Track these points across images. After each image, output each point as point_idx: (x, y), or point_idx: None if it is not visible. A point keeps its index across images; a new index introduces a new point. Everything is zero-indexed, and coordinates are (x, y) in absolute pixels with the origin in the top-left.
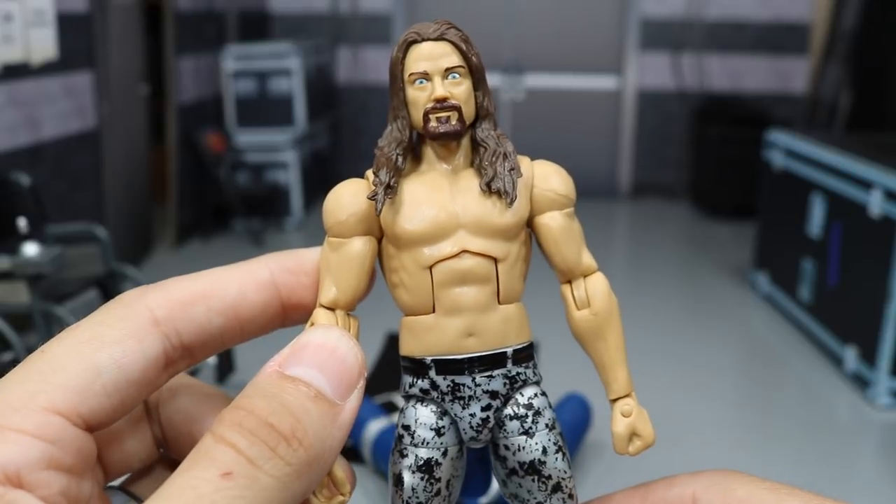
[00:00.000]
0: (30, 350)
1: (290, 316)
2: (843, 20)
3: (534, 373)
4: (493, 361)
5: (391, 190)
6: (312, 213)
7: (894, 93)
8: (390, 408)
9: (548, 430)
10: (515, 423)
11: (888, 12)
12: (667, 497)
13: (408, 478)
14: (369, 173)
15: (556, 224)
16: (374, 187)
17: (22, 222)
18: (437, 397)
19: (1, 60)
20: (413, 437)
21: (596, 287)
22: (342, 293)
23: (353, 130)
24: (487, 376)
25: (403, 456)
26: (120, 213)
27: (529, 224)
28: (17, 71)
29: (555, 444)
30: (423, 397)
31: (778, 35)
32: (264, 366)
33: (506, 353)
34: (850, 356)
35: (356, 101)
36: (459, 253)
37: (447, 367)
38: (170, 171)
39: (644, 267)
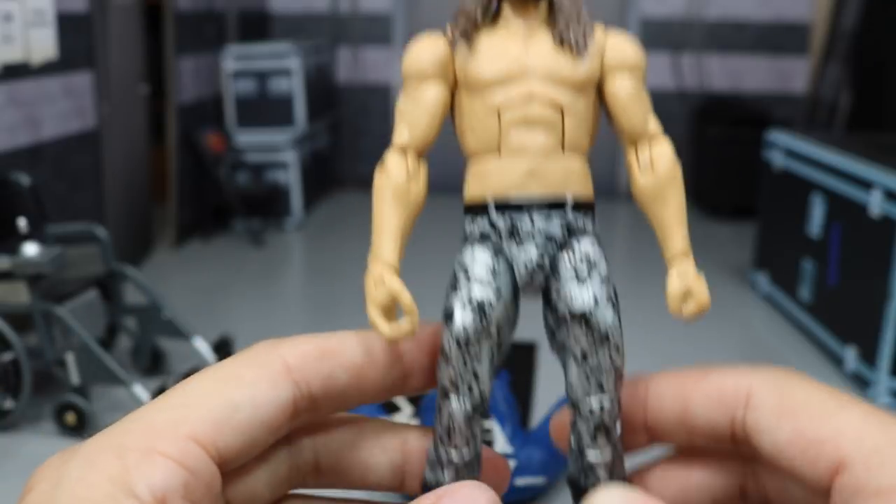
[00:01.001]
0: (30, 350)
1: (408, 383)
2: (843, 20)
3: (592, 226)
4: (552, 205)
5: (467, 35)
6: (312, 213)
7: (894, 93)
8: (391, 408)
9: (601, 281)
10: (570, 271)
11: (888, 12)
12: (723, 385)
13: (458, 313)
14: (448, 26)
15: (625, 88)
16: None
17: (22, 222)
18: (495, 238)
19: (1, 60)
20: (468, 275)
21: (661, 151)
22: (414, 136)
23: (353, 130)
24: (546, 218)
25: (457, 292)
26: (120, 213)
27: (599, 89)
28: (17, 71)
29: (607, 296)
30: (482, 239)
31: (778, 35)
32: (424, 496)
33: (566, 198)
34: (850, 356)
35: (356, 101)
36: (528, 97)
37: (507, 206)
38: (170, 171)
39: (644, 267)
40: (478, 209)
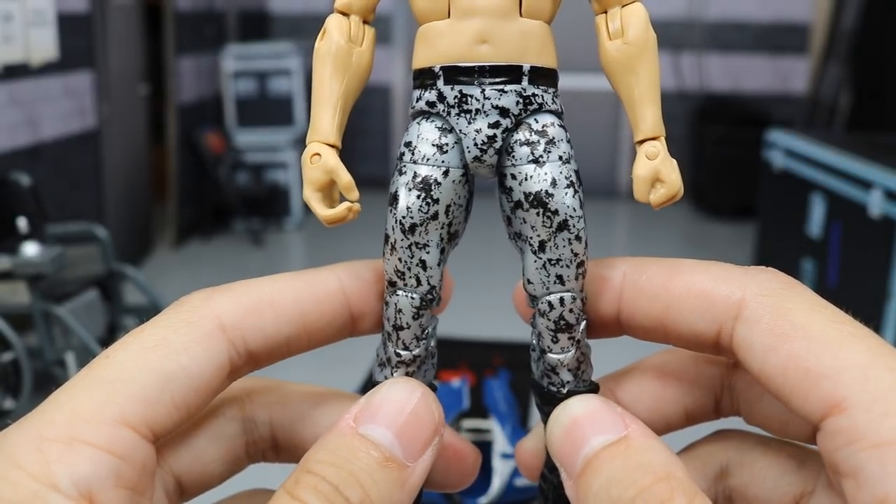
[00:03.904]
0: (30, 350)
1: (357, 327)
2: (843, 20)
3: (553, 100)
4: (506, 74)
5: None
6: (312, 214)
7: (894, 93)
8: None
9: (560, 162)
10: (525, 150)
11: (888, 12)
12: (712, 293)
13: (403, 195)
14: None
15: None
16: None
17: (22, 222)
18: (444, 111)
19: (1, 60)
20: (413, 154)
21: (632, 16)
22: None
23: (353, 130)
24: (499, 90)
25: (402, 174)
26: (120, 213)
27: None
28: (17, 71)
29: (566, 178)
30: (429, 112)
31: (778, 35)
32: (340, 418)
33: (521, 67)
34: None
35: (356, 101)
36: None
37: (455, 74)
38: (170, 171)
39: None
40: (425, 76)
